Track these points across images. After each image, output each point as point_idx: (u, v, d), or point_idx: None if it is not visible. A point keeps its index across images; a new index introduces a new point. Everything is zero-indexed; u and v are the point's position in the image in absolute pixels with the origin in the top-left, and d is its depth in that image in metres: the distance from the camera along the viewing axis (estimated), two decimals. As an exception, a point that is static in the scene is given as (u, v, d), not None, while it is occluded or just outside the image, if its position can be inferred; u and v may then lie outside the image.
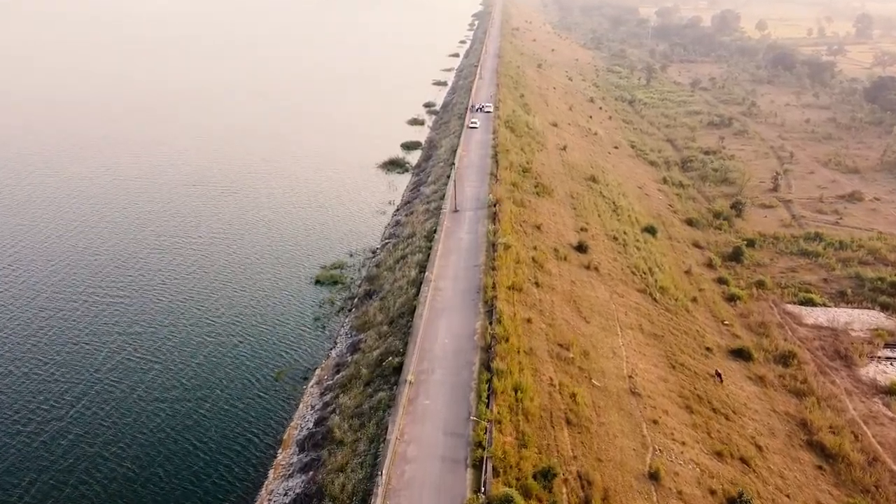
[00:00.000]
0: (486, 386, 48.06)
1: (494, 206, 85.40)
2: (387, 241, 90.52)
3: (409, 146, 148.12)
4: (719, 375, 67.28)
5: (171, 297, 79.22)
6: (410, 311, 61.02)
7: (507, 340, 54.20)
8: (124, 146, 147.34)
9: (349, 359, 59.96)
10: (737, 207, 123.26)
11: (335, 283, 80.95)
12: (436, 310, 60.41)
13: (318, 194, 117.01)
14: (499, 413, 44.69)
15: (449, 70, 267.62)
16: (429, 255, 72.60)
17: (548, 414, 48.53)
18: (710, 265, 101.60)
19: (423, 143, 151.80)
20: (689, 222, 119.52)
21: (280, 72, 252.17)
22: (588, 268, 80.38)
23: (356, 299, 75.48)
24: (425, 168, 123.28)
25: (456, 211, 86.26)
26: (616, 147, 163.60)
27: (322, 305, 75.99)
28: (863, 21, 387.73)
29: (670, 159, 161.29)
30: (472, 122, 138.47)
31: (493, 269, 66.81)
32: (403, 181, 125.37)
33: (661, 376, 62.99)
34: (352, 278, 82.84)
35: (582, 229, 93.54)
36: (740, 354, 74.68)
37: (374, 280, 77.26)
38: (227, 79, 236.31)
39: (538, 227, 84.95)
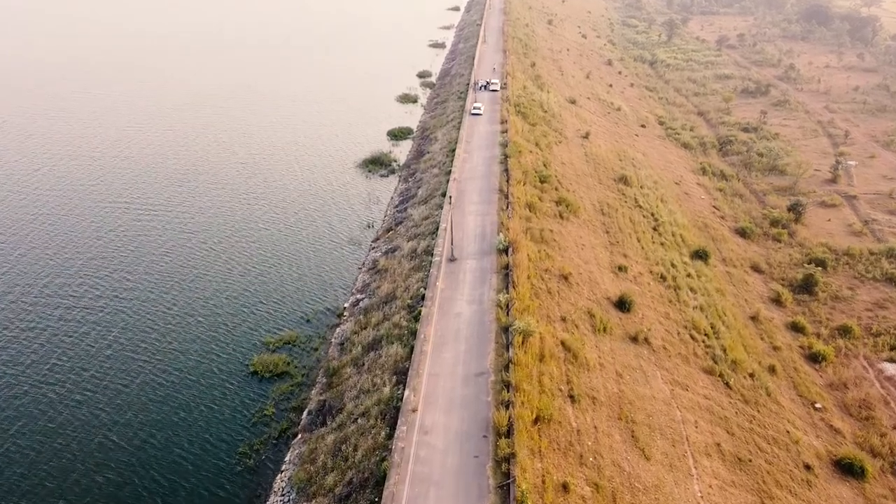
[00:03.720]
0: None
1: (506, 251, 62.22)
2: (359, 297, 66.45)
3: (397, 135, 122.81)
4: (838, 529, 46.19)
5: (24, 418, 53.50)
6: (377, 478, 38.32)
7: (535, 563, 32.46)
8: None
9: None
10: (796, 210, 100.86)
11: (280, 375, 56.90)
12: (419, 481, 37.71)
13: (280, 211, 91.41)
14: None
15: (448, 28, 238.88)
16: (412, 347, 49.48)
17: None
18: (777, 301, 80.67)
19: (414, 129, 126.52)
20: (741, 232, 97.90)
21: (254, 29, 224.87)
22: (636, 340, 58.29)
23: (305, 415, 52.12)
24: (415, 171, 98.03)
25: (453, 259, 62.75)
26: (643, 126, 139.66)
27: (255, 426, 51.62)
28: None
29: (706, 140, 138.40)
30: (474, 108, 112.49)
31: (508, 385, 44.35)
32: (387, 189, 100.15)
33: (763, 556, 41.56)
34: (304, 367, 58.69)
35: (620, 268, 71.07)
36: (849, 470, 53.84)
37: (332, 379, 53.72)
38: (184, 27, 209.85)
39: (565, 279, 62.33)
